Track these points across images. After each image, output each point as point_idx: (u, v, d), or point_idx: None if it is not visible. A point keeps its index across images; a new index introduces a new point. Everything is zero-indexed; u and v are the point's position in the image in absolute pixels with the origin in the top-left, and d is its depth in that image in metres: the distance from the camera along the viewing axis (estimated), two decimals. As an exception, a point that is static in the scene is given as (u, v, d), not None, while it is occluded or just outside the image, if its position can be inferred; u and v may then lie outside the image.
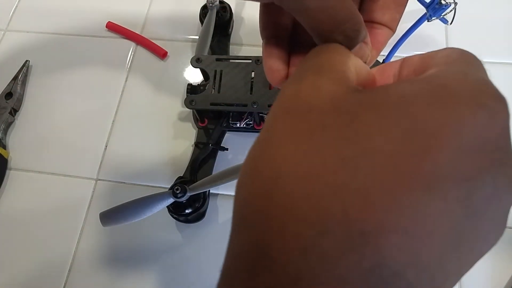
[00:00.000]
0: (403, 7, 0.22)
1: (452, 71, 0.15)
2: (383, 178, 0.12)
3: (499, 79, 0.49)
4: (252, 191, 0.14)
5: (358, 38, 0.19)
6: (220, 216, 0.41)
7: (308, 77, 0.16)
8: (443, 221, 0.12)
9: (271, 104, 0.37)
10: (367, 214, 0.12)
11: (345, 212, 0.12)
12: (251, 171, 0.15)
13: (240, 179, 0.15)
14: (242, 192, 0.15)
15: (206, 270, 0.39)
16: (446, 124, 0.12)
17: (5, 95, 0.47)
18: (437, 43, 0.47)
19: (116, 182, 0.43)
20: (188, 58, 0.43)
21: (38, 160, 0.45)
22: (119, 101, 0.47)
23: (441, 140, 0.12)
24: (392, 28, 0.22)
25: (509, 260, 0.37)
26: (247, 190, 0.15)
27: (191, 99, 0.39)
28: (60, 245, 0.41)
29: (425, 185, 0.12)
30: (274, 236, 0.13)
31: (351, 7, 0.18)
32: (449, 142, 0.12)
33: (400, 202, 0.12)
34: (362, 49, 0.20)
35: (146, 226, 0.40)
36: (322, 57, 0.17)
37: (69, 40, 0.52)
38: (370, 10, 0.22)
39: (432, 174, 0.12)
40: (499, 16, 0.48)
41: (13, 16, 0.54)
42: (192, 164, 0.40)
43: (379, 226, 0.12)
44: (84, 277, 0.40)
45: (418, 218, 0.12)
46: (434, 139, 0.12)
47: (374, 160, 0.12)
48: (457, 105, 0.13)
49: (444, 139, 0.12)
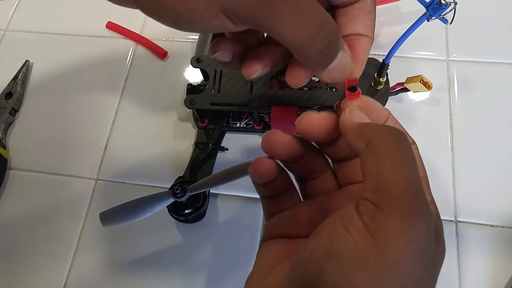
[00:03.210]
0: (373, 14, 0.23)
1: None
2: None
3: (499, 79, 0.49)
4: None
5: (338, 43, 0.19)
6: (220, 216, 0.41)
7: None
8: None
9: (271, 104, 0.37)
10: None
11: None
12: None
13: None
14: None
15: (206, 270, 0.39)
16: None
17: (5, 95, 0.47)
18: (437, 43, 0.47)
19: (116, 182, 0.43)
20: (188, 58, 0.43)
21: (38, 160, 0.45)
22: (119, 101, 0.47)
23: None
24: (367, 34, 0.23)
25: (509, 260, 0.37)
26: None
27: (191, 99, 0.39)
28: (60, 245, 0.41)
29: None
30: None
31: (323, 11, 0.18)
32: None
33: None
34: (344, 58, 0.20)
35: (146, 226, 0.40)
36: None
37: (69, 40, 0.52)
38: (342, 25, 0.22)
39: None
40: (499, 16, 0.48)
41: (13, 16, 0.54)
42: (192, 164, 0.40)
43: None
44: (84, 277, 0.40)
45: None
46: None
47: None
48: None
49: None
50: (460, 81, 0.45)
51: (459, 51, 0.46)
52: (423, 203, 0.17)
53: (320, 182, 0.24)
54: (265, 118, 0.42)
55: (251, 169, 0.22)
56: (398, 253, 0.16)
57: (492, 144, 0.42)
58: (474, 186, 0.40)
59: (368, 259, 0.16)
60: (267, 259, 0.22)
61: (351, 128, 0.19)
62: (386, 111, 0.22)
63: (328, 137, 0.22)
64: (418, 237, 0.16)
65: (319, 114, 0.22)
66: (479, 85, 0.44)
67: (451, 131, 0.43)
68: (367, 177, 0.17)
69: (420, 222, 0.16)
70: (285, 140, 0.22)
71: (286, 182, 0.24)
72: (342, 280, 0.16)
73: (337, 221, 0.18)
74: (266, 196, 0.24)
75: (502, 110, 0.43)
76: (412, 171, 0.17)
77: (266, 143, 0.22)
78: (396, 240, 0.16)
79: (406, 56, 0.46)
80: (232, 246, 0.39)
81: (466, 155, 0.41)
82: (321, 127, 0.21)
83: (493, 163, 0.41)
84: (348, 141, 0.19)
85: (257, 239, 0.39)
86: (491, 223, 0.38)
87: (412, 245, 0.16)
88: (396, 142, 0.18)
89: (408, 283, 0.16)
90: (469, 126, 0.43)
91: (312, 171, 0.23)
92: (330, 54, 0.20)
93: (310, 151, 0.23)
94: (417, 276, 0.16)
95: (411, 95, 0.44)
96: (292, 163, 0.23)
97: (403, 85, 0.39)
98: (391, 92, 0.40)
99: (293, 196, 0.24)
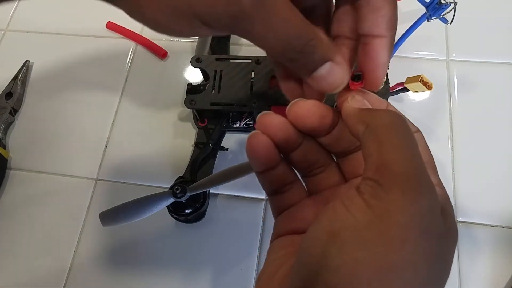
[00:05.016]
0: (385, 9, 0.20)
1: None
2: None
3: (499, 79, 0.49)
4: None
5: (314, 53, 0.19)
6: (220, 216, 0.41)
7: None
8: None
9: (271, 104, 0.37)
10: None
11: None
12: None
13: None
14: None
15: (206, 270, 0.39)
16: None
17: (5, 95, 0.47)
18: (437, 43, 0.47)
19: (116, 182, 0.43)
20: (188, 58, 0.43)
21: (38, 160, 0.45)
22: (119, 101, 0.47)
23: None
24: (379, 34, 0.20)
25: (509, 260, 0.37)
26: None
27: (191, 99, 0.39)
28: (60, 245, 0.41)
29: None
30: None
31: (300, 24, 0.19)
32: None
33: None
34: (334, 70, 0.20)
35: (146, 226, 0.40)
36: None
37: (69, 40, 0.52)
38: (345, 27, 0.22)
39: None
40: (499, 16, 0.48)
41: (13, 16, 0.54)
42: (192, 164, 0.40)
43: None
44: (84, 277, 0.40)
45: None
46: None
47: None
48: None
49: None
50: (460, 81, 0.45)
51: (459, 51, 0.46)
52: (424, 178, 0.16)
53: (325, 176, 0.23)
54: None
55: (247, 146, 0.22)
56: (401, 227, 0.15)
57: (492, 144, 0.42)
58: (474, 186, 0.40)
59: (370, 236, 0.15)
60: (277, 256, 0.22)
61: (352, 113, 0.19)
62: (385, 101, 0.22)
63: (320, 126, 0.21)
64: (421, 211, 0.15)
65: (309, 101, 0.22)
66: (479, 85, 0.44)
67: (451, 131, 0.43)
68: (368, 158, 0.17)
69: (422, 196, 0.16)
70: (277, 120, 0.22)
71: (289, 173, 0.23)
72: (345, 261, 0.16)
73: (337, 203, 0.17)
74: (271, 191, 0.24)
75: (502, 110, 0.43)
76: (411, 149, 0.17)
77: (259, 123, 0.22)
78: (398, 214, 0.15)
79: (406, 56, 0.46)
80: (232, 246, 0.39)
81: (466, 155, 0.41)
82: (311, 114, 0.21)
83: (493, 163, 0.41)
84: (349, 126, 0.19)
85: (257, 239, 0.39)
86: (491, 223, 0.38)
87: (415, 219, 0.15)
88: (394, 123, 0.18)
89: (415, 259, 0.15)
90: (469, 126, 0.43)
91: (314, 163, 0.23)
92: (303, 62, 0.20)
93: (308, 140, 0.23)
94: (425, 252, 0.15)
95: (411, 95, 0.44)
96: (290, 150, 0.22)
97: (403, 85, 0.39)
98: (391, 92, 0.40)
99: (300, 192, 0.24)
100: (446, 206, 0.18)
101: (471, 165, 0.41)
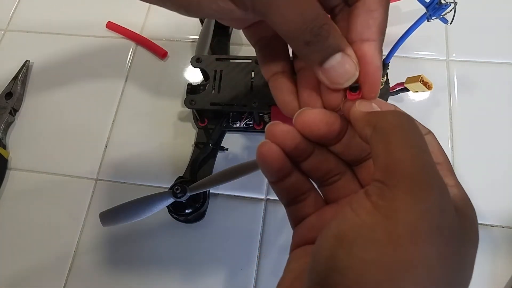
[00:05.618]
0: (377, 12, 0.21)
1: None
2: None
3: (499, 79, 0.49)
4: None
5: (329, 38, 0.20)
6: (220, 216, 0.41)
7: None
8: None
9: (271, 104, 0.37)
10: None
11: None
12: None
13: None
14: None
15: (206, 270, 0.39)
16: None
17: (5, 95, 0.47)
18: (437, 43, 0.47)
19: (116, 182, 0.43)
20: (188, 58, 0.43)
21: (38, 160, 0.45)
22: (119, 101, 0.47)
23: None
24: (369, 38, 0.20)
25: (509, 260, 0.37)
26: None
27: (191, 99, 0.39)
28: (60, 245, 0.41)
29: None
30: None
31: (318, 8, 0.19)
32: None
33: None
34: (345, 61, 0.20)
35: (146, 226, 0.40)
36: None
37: (69, 40, 0.52)
38: (343, 31, 0.21)
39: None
40: (499, 16, 0.48)
41: (13, 16, 0.54)
42: (192, 164, 0.40)
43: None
44: (84, 277, 0.40)
45: None
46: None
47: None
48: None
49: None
50: (460, 81, 0.45)
51: (459, 51, 0.46)
52: (433, 176, 0.16)
53: (342, 185, 0.23)
54: (265, 118, 0.42)
55: (258, 155, 0.21)
56: (409, 226, 0.15)
57: (492, 144, 0.42)
58: (474, 186, 0.40)
59: (378, 236, 0.15)
60: (295, 266, 0.22)
61: (360, 117, 0.19)
62: (392, 106, 0.22)
63: (328, 133, 0.21)
64: (430, 209, 0.15)
65: (316, 109, 0.22)
66: (479, 85, 0.44)
67: (451, 131, 0.43)
68: (376, 160, 0.17)
69: (431, 193, 0.15)
70: (286, 129, 0.21)
71: (304, 183, 0.23)
72: (353, 263, 0.15)
73: (346, 208, 0.17)
74: (287, 201, 0.23)
75: (502, 110, 0.43)
76: (418, 148, 0.17)
77: (267, 132, 0.22)
78: (406, 213, 0.15)
79: (406, 56, 0.46)
80: (232, 246, 0.39)
81: (466, 155, 0.41)
82: (318, 122, 0.21)
83: (493, 163, 0.41)
84: (358, 130, 0.19)
85: (257, 239, 0.39)
86: (491, 223, 0.38)
87: (424, 218, 0.15)
88: (401, 123, 0.18)
89: (426, 258, 0.15)
90: (469, 126, 0.43)
91: (329, 172, 0.23)
92: (318, 48, 0.20)
93: (320, 149, 0.22)
94: (438, 250, 0.15)
95: (411, 95, 0.44)
96: (302, 160, 0.22)
97: (403, 85, 0.39)
98: (391, 92, 0.40)
99: (316, 202, 0.23)
100: (463, 208, 0.18)
101: (471, 165, 0.41)
